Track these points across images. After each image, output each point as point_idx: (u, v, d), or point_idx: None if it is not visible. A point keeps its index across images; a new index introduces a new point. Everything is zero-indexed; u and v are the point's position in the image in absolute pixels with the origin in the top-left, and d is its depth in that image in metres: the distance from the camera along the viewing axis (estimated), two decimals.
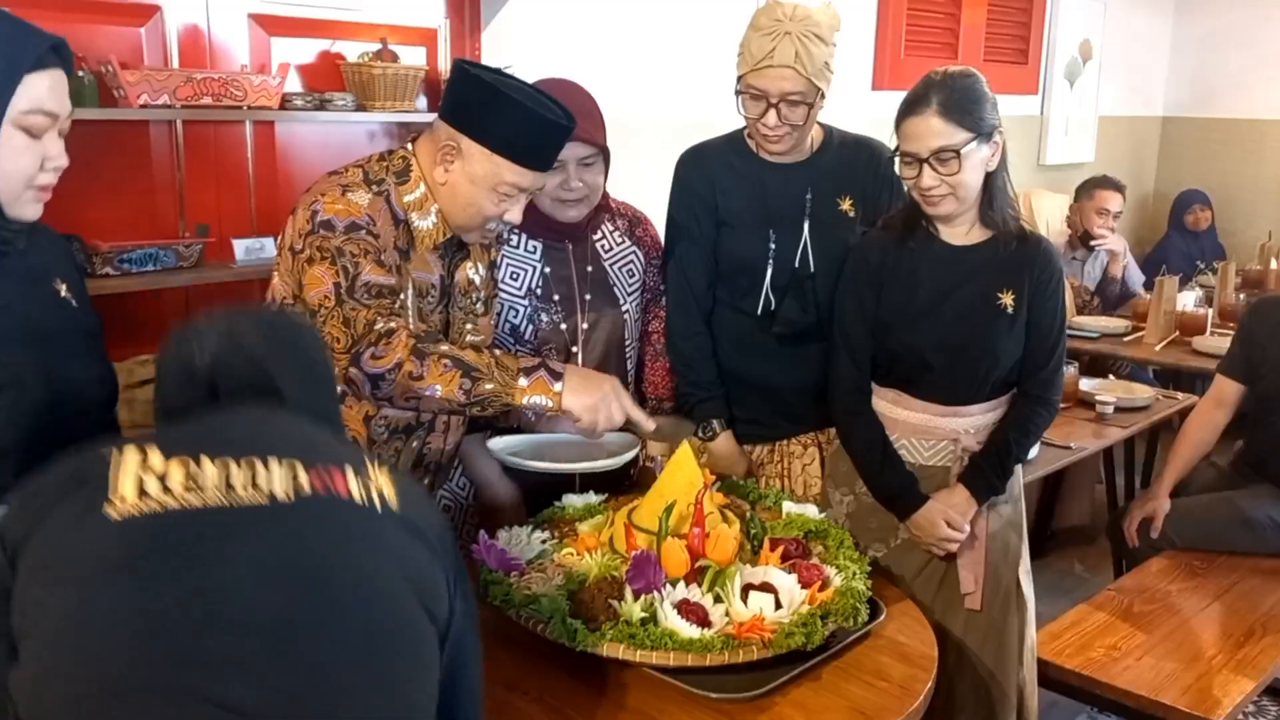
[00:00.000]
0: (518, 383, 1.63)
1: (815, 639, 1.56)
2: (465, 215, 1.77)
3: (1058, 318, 2.04)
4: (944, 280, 2.01)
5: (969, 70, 1.99)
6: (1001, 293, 1.99)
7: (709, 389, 2.27)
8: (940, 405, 2.05)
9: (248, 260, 2.50)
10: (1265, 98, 5.87)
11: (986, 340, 2.00)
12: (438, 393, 1.60)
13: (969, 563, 2.06)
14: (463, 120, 1.71)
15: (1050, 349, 2.04)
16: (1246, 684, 2.25)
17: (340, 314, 1.64)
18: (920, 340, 2.02)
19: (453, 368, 1.61)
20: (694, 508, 1.71)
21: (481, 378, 1.61)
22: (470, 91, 1.70)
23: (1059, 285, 2.04)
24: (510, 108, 1.68)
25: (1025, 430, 2.06)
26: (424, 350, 1.62)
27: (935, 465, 2.07)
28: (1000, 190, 1.99)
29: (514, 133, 1.69)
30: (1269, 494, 2.89)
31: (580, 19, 3.21)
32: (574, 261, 2.13)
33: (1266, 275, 4.91)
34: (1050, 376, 2.05)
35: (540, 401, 1.64)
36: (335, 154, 2.73)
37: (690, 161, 2.27)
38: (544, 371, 1.65)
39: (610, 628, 1.55)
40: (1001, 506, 2.09)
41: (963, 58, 4.53)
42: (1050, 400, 2.07)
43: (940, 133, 1.89)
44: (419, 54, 2.83)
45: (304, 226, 1.69)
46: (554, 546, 1.82)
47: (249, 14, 2.54)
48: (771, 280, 2.19)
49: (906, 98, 1.95)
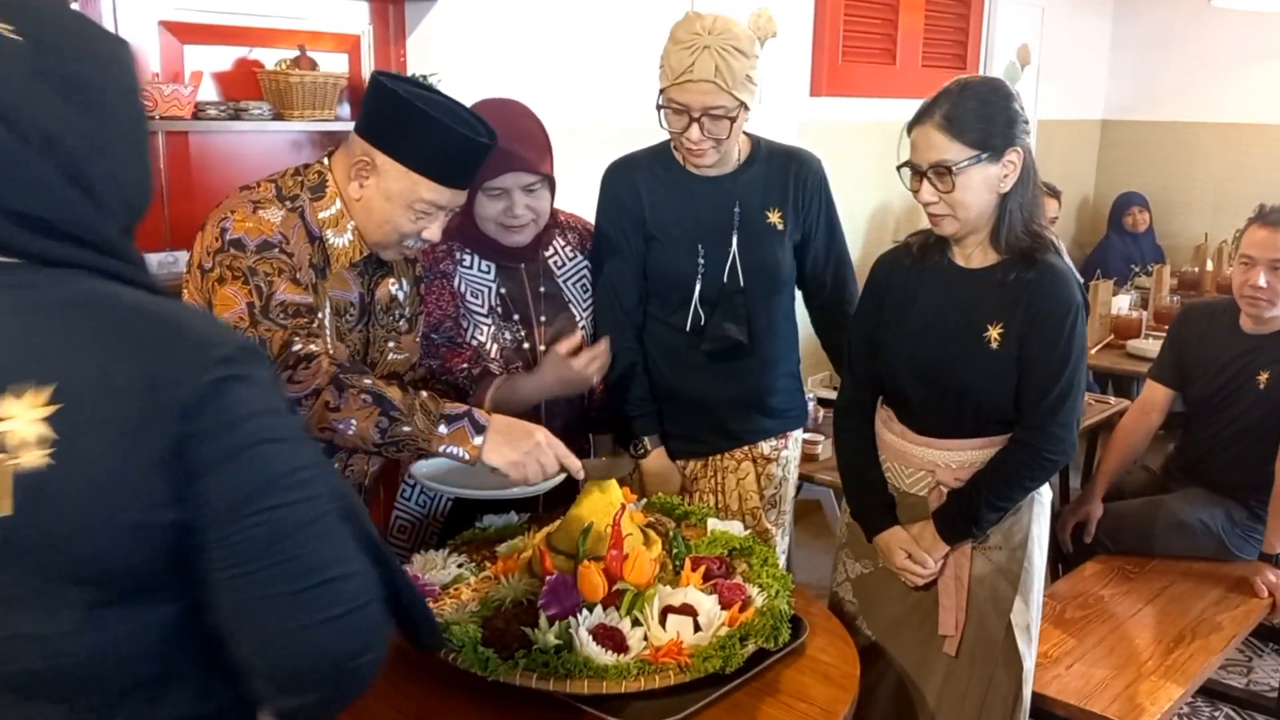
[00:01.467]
0: (437, 430, 1.58)
1: (734, 662, 1.53)
2: (381, 232, 1.72)
3: (1055, 358, 1.84)
4: (939, 303, 1.93)
5: (993, 82, 1.87)
6: (990, 325, 1.87)
7: (639, 405, 2.23)
8: (916, 433, 1.98)
9: (161, 274, 2.40)
10: (1202, 101, 5.96)
11: (962, 372, 1.89)
12: (353, 428, 1.55)
13: (950, 605, 1.98)
14: (377, 135, 1.66)
15: (1042, 392, 1.85)
16: (1175, 690, 2.26)
17: (256, 333, 1.58)
18: (901, 362, 1.96)
19: (372, 404, 1.56)
20: (612, 529, 1.67)
21: (400, 419, 1.56)
22: (385, 106, 1.64)
23: (1065, 324, 1.83)
24: (427, 124, 1.62)
25: (1003, 478, 1.90)
26: (345, 381, 1.57)
27: (914, 494, 2.00)
28: (1011, 213, 1.84)
29: (431, 150, 1.64)
30: (1201, 497, 2.91)
31: (509, 25, 3.16)
32: (528, 280, 2.09)
33: (1202, 277, 4.98)
34: (1039, 423, 1.86)
35: (457, 452, 1.59)
36: (253, 164, 2.65)
37: (617, 174, 2.23)
38: (466, 422, 1.60)
39: (523, 656, 1.51)
40: (993, 552, 1.96)
41: (901, 63, 4.54)
42: (1039, 451, 1.87)
43: (939, 146, 1.80)
44: (341, 61, 2.76)
45: (213, 244, 1.63)
46: (470, 570, 1.78)
47: (159, 21, 2.45)
48: (700, 295, 2.16)
49: (920, 105, 1.86)
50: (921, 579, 1.98)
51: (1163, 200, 5.95)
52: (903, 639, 2.05)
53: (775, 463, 2.33)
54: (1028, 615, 1.96)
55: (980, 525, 1.93)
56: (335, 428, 1.56)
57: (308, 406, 1.55)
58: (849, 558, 2.15)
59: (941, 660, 2.00)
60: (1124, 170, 6.22)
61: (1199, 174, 6.04)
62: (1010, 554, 1.97)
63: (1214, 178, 5.99)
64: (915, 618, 2.03)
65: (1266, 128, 5.76)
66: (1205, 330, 2.96)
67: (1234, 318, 2.92)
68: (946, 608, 1.98)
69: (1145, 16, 6.06)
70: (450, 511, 2.13)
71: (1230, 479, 2.87)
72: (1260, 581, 2.70)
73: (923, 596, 2.02)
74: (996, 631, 1.96)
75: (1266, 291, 2.77)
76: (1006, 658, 1.96)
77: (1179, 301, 4.29)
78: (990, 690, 1.97)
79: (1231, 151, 5.90)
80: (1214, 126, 5.95)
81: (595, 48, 3.41)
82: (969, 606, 1.97)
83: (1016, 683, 1.97)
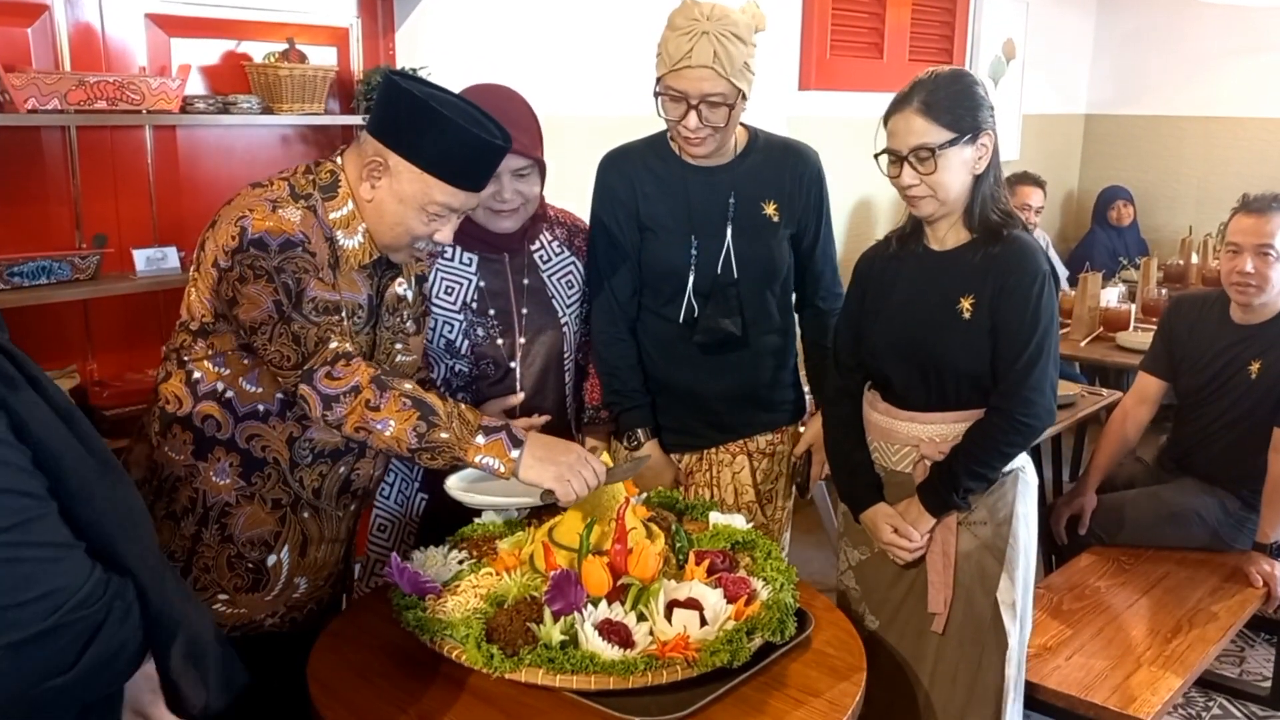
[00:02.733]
0: (474, 439, 1.56)
1: (741, 656, 1.52)
2: (392, 234, 1.68)
3: (1025, 325, 1.90)
4: (916, 284, 2.00)
5: (959, 71, 1.97)
6: (963, 297, 1.93)
7: (633, 397, 2.22)
8: (899, 409, 2.03)
9: (149, 271, 2.38)
10: (1185, 95, 5.98)
11: (936, 345, 1.95)
12: (390, 429, 1.53)
13: (939, 581, 2.00)
14: (390, 136, 1.62)
15: (1013, 358, 1.91)
16: (1174, 680, 2.26)
17: (288, 330, 1.56)
18: (882, 343, 2.01)
19: (411, 407, 1.54)
20: (616, 523, 1.66)
21: (439, 425, 1.54)
22: (399, 107, 1.61)
23: (1031, 290, 1.90)
24: (442, 126, 1.59)
25: (980, 445, 1.94)
26: (385, 382, 1.56)
27: (901, 471, 2.04)
28: (983, 194, 1.93)
29: (446, 152, 1.61)
30: (1194, 488, 2.92)
31: (499, 16, 3.13)
32: (510, 274, 2.06)
33: (1188, 269, 5.00)
34: (1013, 389, 1.91)
35: (492, 463, 1.57)
36: (242, 158, 2.63)
37: (611, 165, 2.21)
38: (504, 434, 1.58)
39: (529, 652, 1.49)
40: (978, 528, 1.99)
41: (888, 58, 4.54)
42: (1011, 414, 1.92)
43: (919, 131, 1.87)
44: (329, 54, 2.72)
45: (230, 243, 1.58)
46: (472, 566, 1.75)
47: (146, 14, 2.42)
48: (694, 286, 2.15)
49: (894, 96, 1.94)
50: (909, 554, 2.01)
51: (1147, 194, 5.97)
52: (899, 621, 2.08)
53: (771, 458, 2.31)
54: (1013, 593, 1.98)
55: (961, 494, 1.96)
56: (372, 427, 1.54)
57: (345, 404, 1.54)
58: (848, 545, 2.18)
59: (933, 641, 2.03)
60: (1108, 164, 6.25)
61: (1183, 168, 6.06)
62: (995, 529, 1.99)
63: (1197, 171, 6.01)
64: (910, 599, 2.05)
65: (1249, 121, 5.80)
66: (1195, 321, 2.97)
67: (1224, 309, 2.92)
68: (935, 584, 2.01)
69: (1129, 11, 6.08)
70: (425, 511, 2.11)
71: (1223, 469, 2.88)
72: (1255, 571, 2.71)
73: (916, 577, 2.04)
74: (984, 610, 1.99)
75: (1255, 277, 2.78)
76: (995, 637, 1.99)
77: (1166, 295, 4.31)
78: (980, 670, 2.00)
79: (1214, 145, 5.93)
80: (1197, 120, 5.98)
81: (585, 39, 3.39)
82: (956, 584, 2.00)
83: (1002, 662, 1.99)
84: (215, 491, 1.68)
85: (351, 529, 1.87)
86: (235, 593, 1.71)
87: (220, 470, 1.68)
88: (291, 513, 1.73)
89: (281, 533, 1.73)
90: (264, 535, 1.71)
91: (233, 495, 1.69)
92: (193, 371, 1.67)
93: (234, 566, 1.71)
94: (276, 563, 1.73)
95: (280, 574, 1.74)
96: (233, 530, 1.70)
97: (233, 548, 1.70)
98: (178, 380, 1.68)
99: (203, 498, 1.68)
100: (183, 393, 1.67)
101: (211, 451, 1.68)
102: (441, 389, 2.02)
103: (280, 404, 1.67)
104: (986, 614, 1.98)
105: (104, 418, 2.33)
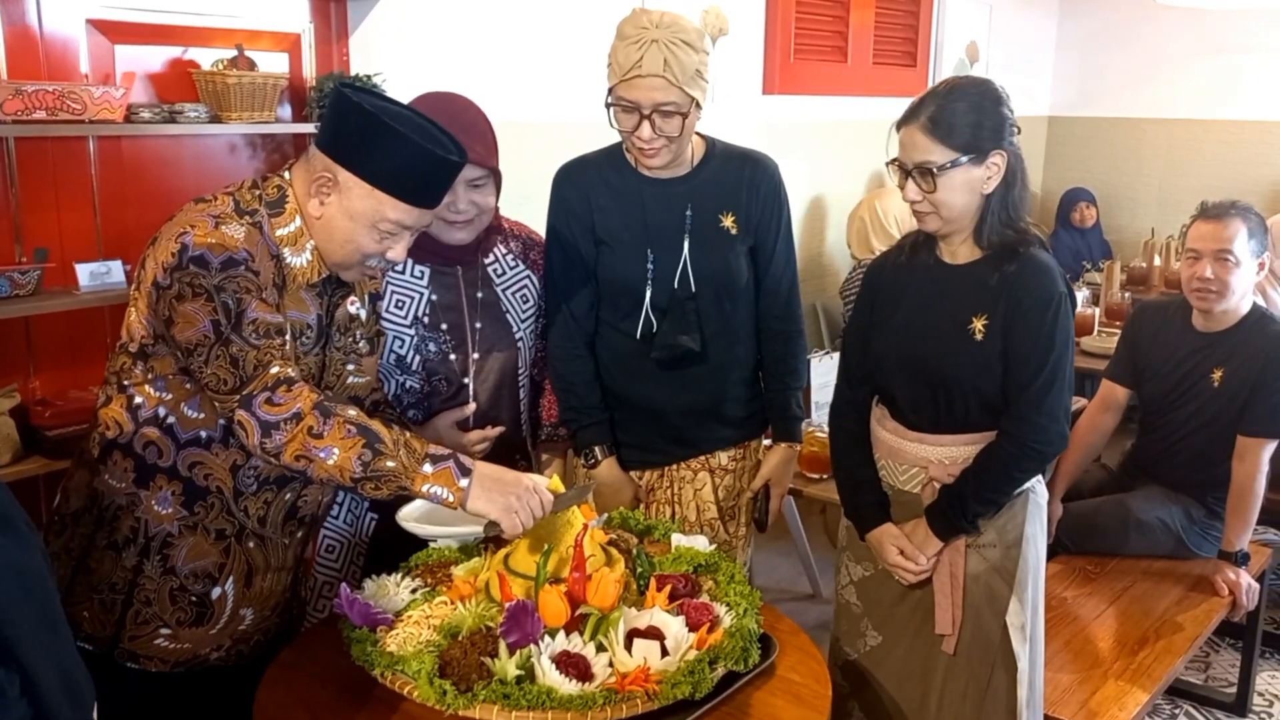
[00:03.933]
0: (421, 468, 1.50)
1: (703, 687, 1.47)
2: (343, 252, 1.62)
3: (1039, 348, 1.85)
4: (926, 299, 1.95)
5: (980, 84, 1.89)
6: (975, 317, 1.88)
7: (590, 414, 2.17)
8: (908, 429, 1.98)
9: (93, 286, 2.30)
10: (1146, 97, 6.02)
11: (946, 366, 1.90)
12: (334, 457, 1.47)
13: (946, 603, 1.97)
14: (340, 151, 1.56)
15: (1026, 382, 1.86)
16: (1141, 695, 2.25)
17: (226, 353, 1.48)
18: (888, 357, 1.97)
19: (356, 434, 1.48)
20: (573, 549, 1.61)
21: (385, 453, 1.48)
22: (349, 121, 1.54)
23: (1046, 314, 1.85)
24: (394, 141, 1.53)
25: (991, 471, 1.89)
26: (329, 409, 1.49)
27: (909, 491, 2.00)
28: (994, 212, 1.86)
29: (398, 169, 1.54)
30: (1159, 496, 2.92)
31: (454, 23, 3.07)
32: (464, 287, 2.01)
33: (1150, 272, 5.03)
34: (1025, 414, 1.86)
35: (440, 493, 1.51)
36: (190, 168, 2.55)
37: (566, 178, 2.16)
38: (452, 463, 1.52)
39: (483, 687, 1.44)
40: (987, 549, 1.95)
41: (852, 61, 4.52)
42: (1024, 441, 1.87)
43: (923, 148, 1.82)
44: (281, 61, 2.65)
45: (169, 260, 1.51)
46: (425, 595, 1.70)
47: (87, 19, 2.34)
48: (651, 301, 2.11)
49: (910, 102, 1.88)
50: (914, 576, 1.98)
51: (1109, 196, 6.01)
52: (905, 639, 2.04)
53: (733, 474, 2.27)
54: (1023, 615, 1.94)
55: (971, 519, 1.92)
56: (314, 455, 1.47)
57: (286, 431, 1.47)
58: (850, 561, 2.13)
59: (941, 659, 1.99)
60: (1070, 166, 6.28)
61: (1145, 169, 6.10)
62: (1005, 552, 1.96)
63: (1159, 173, 6.06)
64: (917, 617, 2.02)
65: (1211, 123, 5.84)
66: (1158, 329, 2.96)
67: (1186, 316, 2.92)
68: (942, 606, 1.97)
69: (1091, 13, 6.11)
70: (374, 531, 2.06)
71: (1188, 477, 2.88)
72: (1220, 580, 2.71)
73: (923, 596, 2.00)
74: (993, 631, 1.95)
75: (1214, 283, 2.78)
76: (1004, 659, 1.95)
77: (1129, 298, 4.32)
78: (989, 690, 1.97)
79: (1176, 147, 5.98)
80: (1159, 122, 6.02)
81: (540, 47, 3.33)
82: (965, 605, 1.96)
83: (1012, 684, 1.95)
84: (157, 521, 1.62)
85: (299, 556, 1.81)
86: (178, 627, 1.65)
87: (162, 499, 1.61)
88: (236, 543, 1.66)
89: (226, 564, 1.66)
90: (207, 567, 1.65)
91: (175, 525, 1.62)
92: (134, 396, 1.60)
93: (176, 600, 1.64)
94: (221, 595, 1.67)
95: (225, 607, 1.68)
96: (175, 562, 1.63)
97: (175, 580, 1.63)
98: (118, 405, 1.61)
99: (144, 527, 1.62)
100: (123, 418, 1.61)
101: (153, 479, 1.61)
102: (394, 407, 1.96)
103: (223, 430, 1.60)
104: (995, 636, 1.95)
105: (46, 438, 2.25)
